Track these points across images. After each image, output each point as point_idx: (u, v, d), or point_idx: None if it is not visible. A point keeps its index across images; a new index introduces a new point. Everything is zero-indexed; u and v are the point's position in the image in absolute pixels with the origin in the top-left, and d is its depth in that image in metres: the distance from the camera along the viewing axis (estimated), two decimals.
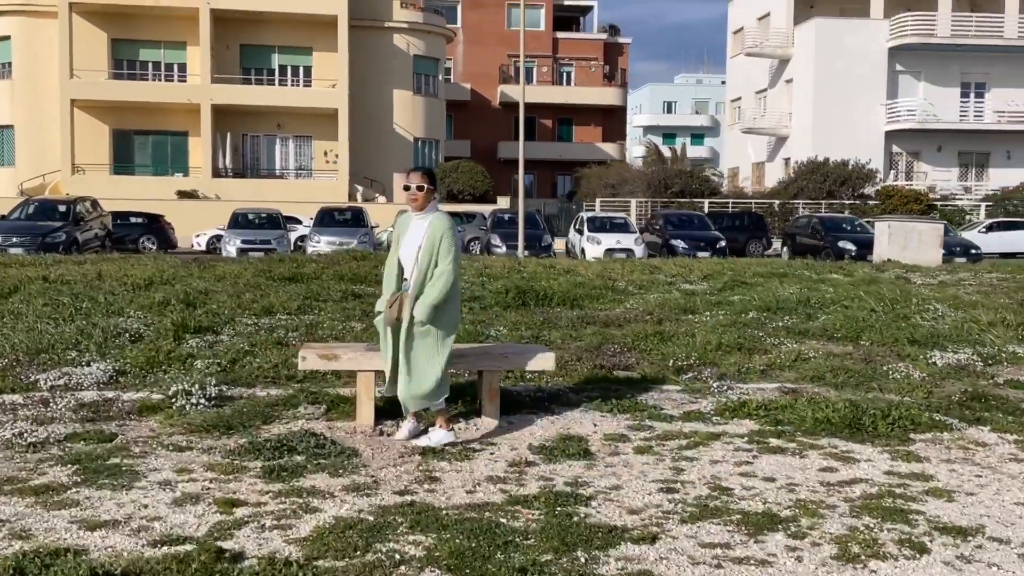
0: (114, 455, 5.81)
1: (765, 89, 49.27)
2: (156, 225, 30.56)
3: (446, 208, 32.50)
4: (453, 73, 56.55)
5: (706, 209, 36.71)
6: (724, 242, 27.23)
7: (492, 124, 58.16)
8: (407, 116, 44.16)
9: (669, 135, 77.93)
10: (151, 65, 41.89)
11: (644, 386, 8.00)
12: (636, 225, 29.40)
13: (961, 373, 8.55)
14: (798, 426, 6.61)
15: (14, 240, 22.07)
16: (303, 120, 42.43)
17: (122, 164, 41.39)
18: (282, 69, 43.04)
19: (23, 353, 8.33)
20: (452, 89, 53.38)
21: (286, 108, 41.79)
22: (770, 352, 9.11)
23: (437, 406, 6.26)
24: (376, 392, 6.62)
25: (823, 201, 40.00)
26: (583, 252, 26.11)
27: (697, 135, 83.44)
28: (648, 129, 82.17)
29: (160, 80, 41.68)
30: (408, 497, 5.08)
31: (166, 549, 4.29)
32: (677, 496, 5.14)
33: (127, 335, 9.17)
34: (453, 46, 53.70)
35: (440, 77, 47.19)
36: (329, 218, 26.81)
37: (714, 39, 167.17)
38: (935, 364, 8.76)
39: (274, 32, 42.22)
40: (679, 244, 26.57)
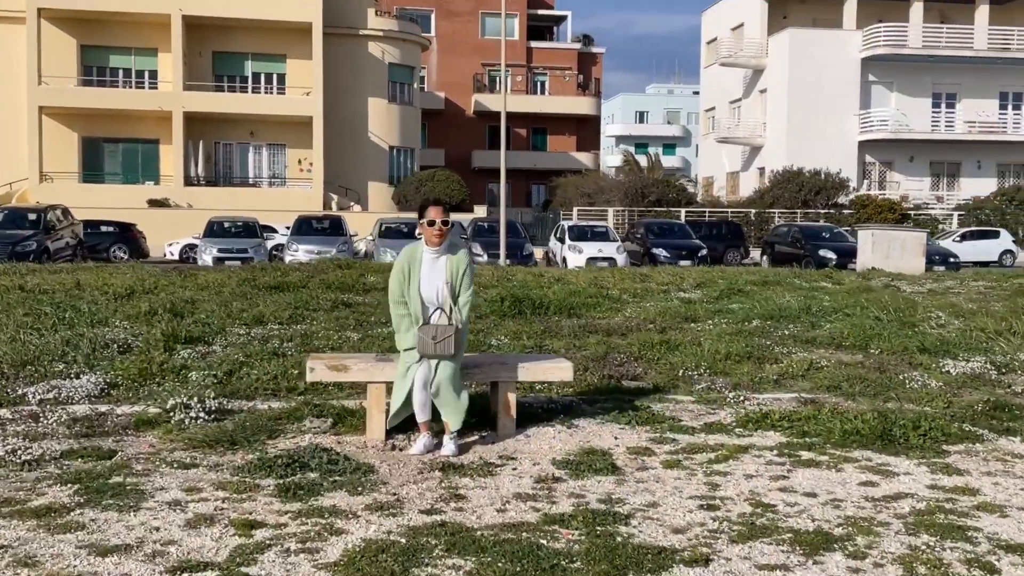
0: (116, 473, 5.47)
1: (739, 99, 49.44)
2: (128, 234, 29.98)
3: (415, 216, 32.20)
4: (427, 82, 56.24)
5: (683, 218, 36.67)
6: (705, 251, 27.13)
7: (466, 133, 57.91)
8: (382, 124, 43.78)
9: (641, 145, 78.10)
10: (121, 72, 41.20)
11: (657, 397, 7.77)
12: (616, 234, 29.24)
13: (977, 382, 8.39)
14: (826, 438, 6.39)
15: None
16: (277, 128, 41.93)
17: (91, 172, 40.66)
18: (255, 76, 42.50)
19: (8, 365, 7.94)
20: (426, 98, 53.04)
21: (259, 116, 41.25)
22: (781, 361, 8.91)
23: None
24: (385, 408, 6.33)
25: (798, 210, 40.13)
26: (564, 261, 25.90)
27: (669, 145, 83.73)
28: (620, 139, 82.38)
29: (131, 87, 41.01)
30: (436, 517, 4.79)
31: None
32: (719, 514, 4.90)
33: (115, 346, 8.80)
34: (427, 55, 53.42)
35: (415, 85, 46.88)
36: (307, 227, 26.40)
37: (686, 50, 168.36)
38: (949, 373, 8.60)
39: (247, 39, 41.69)
40: (661, 252, 26.43)
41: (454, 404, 6.11)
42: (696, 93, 72.30)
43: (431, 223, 6.00)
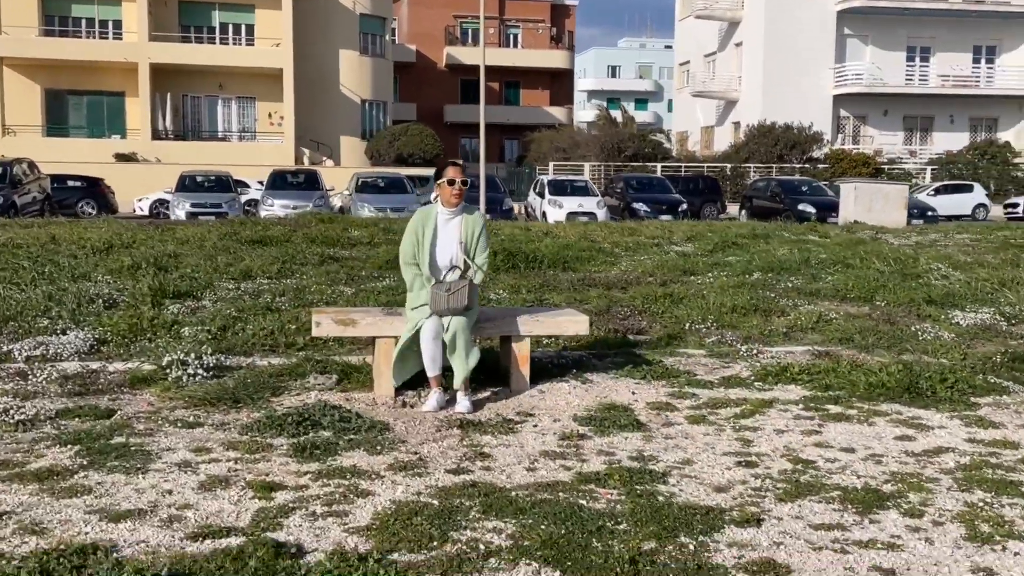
0: (117, 433, 5.17)
1: (714, 52, 49.01)
2: (96, 189, 29.18)
3: (392, 171, 31.75)
4: (398, 34, 55.20)
5: (659, 173, 36.41)
6: (685, 205, 26.93)
7: (438, 87, 57.04)
8: (354, 77, 42.93)
9: (613, 100, 77.40)
10: (84, 22, 39.92)
11: (668, 351, 7.56)
12: (596, 188, 28.93)
13: (988, 333, 8.26)
14: (851, 391, 6.22)
15: None
16: (246, 80, 40.96)
17: (56, 125, 39.55)
18: (223, 27, 41.37)
19: None
20: (397, 51, 52.04)
21: (228, 68, 40.24)
22: (788, 314, 8.73)
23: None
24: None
25: (773, 165, 40.00)
26: (544, 216, 25.60)
27: (641, 100, 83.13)
28: (592, 93, 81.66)
29: (94, 38, 39.78)
30: (465, 476, 4.55)
31: (210, 543, 3.71)
32: (759, 471, 4.69)
33: (100, 301, 8.44)
34: (398, 6, 52.42)
35: (387, 37, 45.98)
36: (282, 181, 25.80)
37: (659, 2, 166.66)
38: (959, 324, 8.47)
39: None
40: (641, 207, 26.18)
41: (466, 359, 5.86)
42: (668, 47, 71.65)
43: (451, 183, 5.86)
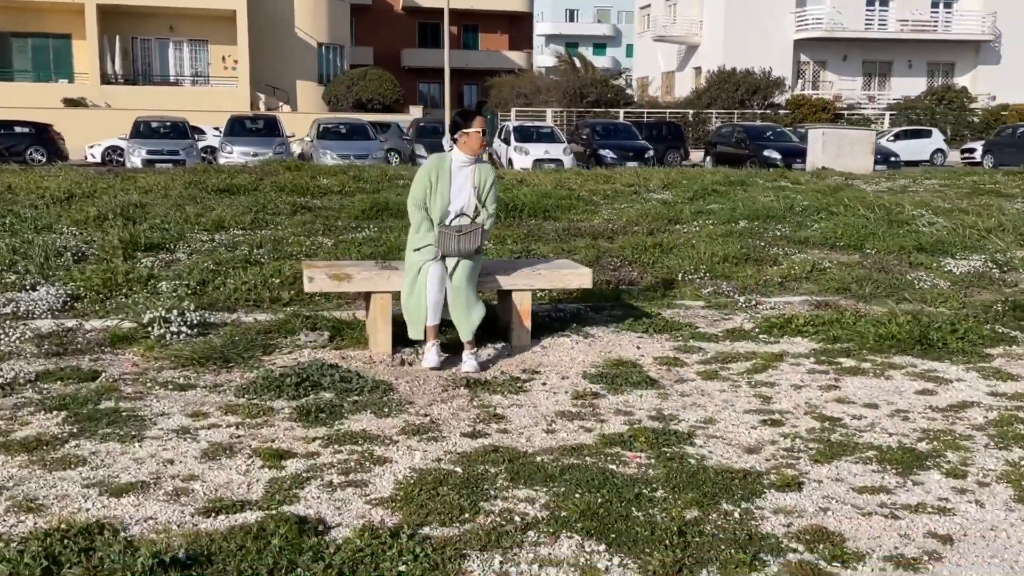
0: (105, 397, 4.87)
1: None
2: (45, 135, 28.13)
3: (354, 117, 31.04)
4: None
5: (622, 119, 36.06)
6: (652, 152, 26.69)
7: (395, 30, 55.79)
8: (309, 19, 41.78)
9: (572, 44, 76.52)
10: None
11: (665, 302, 7.37)
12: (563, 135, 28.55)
13: (983, 280, 8.19)
14: (860, 343, 6.08)
15: None
16: (198, 23, 39.70)
17: None
18: None
19: None
20: None
21: (178, 9, 38.90)
22: (781, 263, 8.58)
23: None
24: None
25: (735, 111, 39.84)
26: (511, 163, 25.21)
27: (599, 45, 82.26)
28: (550, 38, 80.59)
29: None
30: (483, 441, 4.32)
31: (225, 519, 3.45)
32: (786, 430, 4.53)
33: (68, 254, 8.05)
34: None
35: None
36: (240, 127, 25.07)
37: None
38: (952, 272, 8.39)
39: None
40: (608, 154, 25.88)
41: (470, 312, 5.62)
42: None
43: (477, 132, 5.72)
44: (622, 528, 3.38)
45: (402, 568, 3.06)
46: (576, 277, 6.20)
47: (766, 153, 26.60)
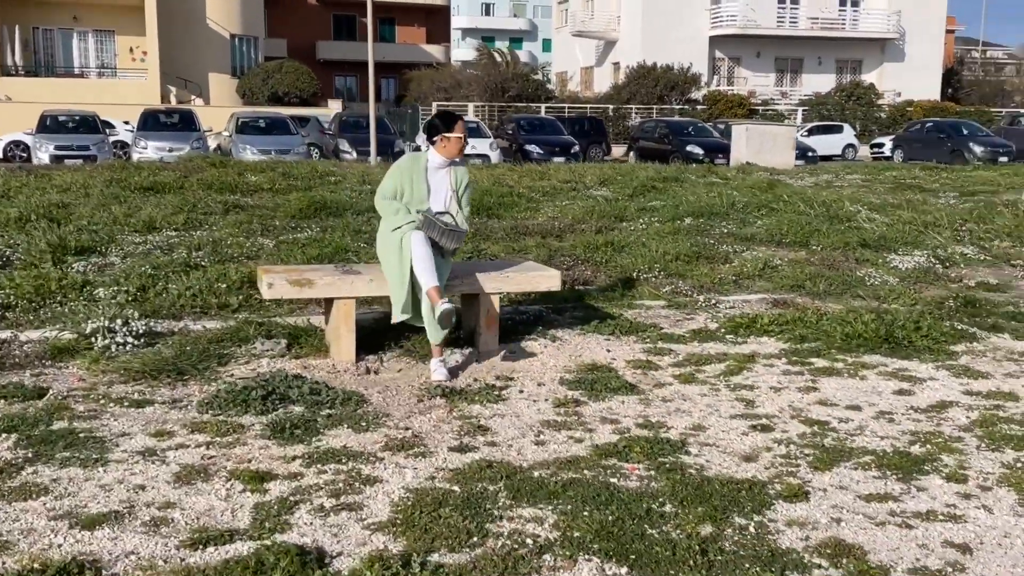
0: (56, 417, 4.53)
1: None
2: None
3: (274, 111, 30.30)
4: None
5: (543, 113, 36.07)
6: (578, 147, 26.71)
7: (309, 22, 54.87)
8: (221, 10, 40.70)
9: (488, 38, 76.37)
10: None
11: (625, 303, 7.28)
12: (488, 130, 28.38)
13: (929, 276, 8.31)
14: (827, 343, 6.07)
15: None
16: (103, 12, 38.35)
17: None
18: None
19: None
20: None
21: None
22: (732, 261, 8.58)
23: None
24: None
25: (654, 106, 40.23)
26: None
27: (516, 39, 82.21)
28: (467, 31, 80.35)
29: None
30: (472, 455, 4.14)
31: (214, 551, 3.20)
32: (777, 435, 4.45)
33: None
34: None
35: None
36: (155, 121, 24.24)
37: None
38: (899, 268, 8.50)
39: None
40: (534, 149, 25.80)
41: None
42: None
43: (459, 138, 5.58)
44: (641, 548, 3.24)
45: None
46: (545, 279, 6.05)
47: (689, 148, 26.89)
